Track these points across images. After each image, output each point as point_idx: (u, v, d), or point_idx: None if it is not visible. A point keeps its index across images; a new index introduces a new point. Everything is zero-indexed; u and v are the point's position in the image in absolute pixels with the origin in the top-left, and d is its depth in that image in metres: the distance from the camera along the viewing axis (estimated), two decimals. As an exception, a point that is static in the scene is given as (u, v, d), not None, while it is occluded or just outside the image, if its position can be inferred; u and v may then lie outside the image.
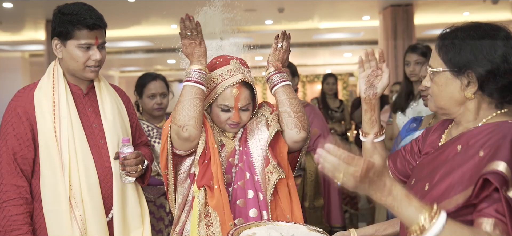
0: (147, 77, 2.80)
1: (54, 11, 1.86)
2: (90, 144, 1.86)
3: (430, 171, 1.29)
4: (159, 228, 2.70)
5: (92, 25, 1.81)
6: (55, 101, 1.84)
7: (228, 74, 1.75)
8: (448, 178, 1.20)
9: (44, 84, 1.87)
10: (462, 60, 1.24)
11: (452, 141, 1.29)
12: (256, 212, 1.70)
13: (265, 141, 1.76)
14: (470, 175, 1.15)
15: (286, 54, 1.91)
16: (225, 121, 1.76)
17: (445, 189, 1.18)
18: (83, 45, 1.82)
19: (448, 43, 1.27)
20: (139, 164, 1.90)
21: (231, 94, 1.73)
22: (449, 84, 1.27)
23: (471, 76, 1.23)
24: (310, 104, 2.93)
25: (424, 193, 1.26)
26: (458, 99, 1.27)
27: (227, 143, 1.80)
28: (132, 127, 2.07)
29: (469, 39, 1.24)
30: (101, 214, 1.85)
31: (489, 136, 1.18)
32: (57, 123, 1.82)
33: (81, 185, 1.81)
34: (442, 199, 1.17)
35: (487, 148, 1.15)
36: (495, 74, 1.21)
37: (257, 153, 1.77)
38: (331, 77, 5.40)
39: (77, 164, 1.82)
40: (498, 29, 1.24)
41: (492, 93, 1.23)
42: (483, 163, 1.13)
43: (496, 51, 1.21)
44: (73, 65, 1.85)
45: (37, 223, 1.83)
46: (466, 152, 1.20)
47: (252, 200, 1.72)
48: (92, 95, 1.95)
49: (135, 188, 1.97)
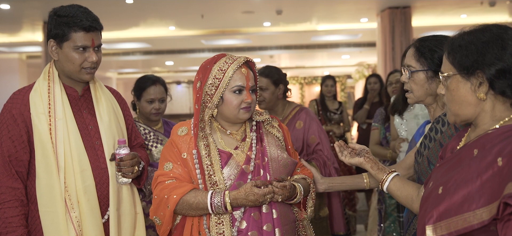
0: (147, 82, 2.75)
1: (50, 13, 1.85)
2: (86, 146, 1.86)
3: (445, 175, 1.27)
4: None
5: (88, 27, 1.81)
6: (50, 103, 1.83)
7: (231, 59, 1.77)
8: (466, 186, 1.16)
9: (40, 86, 1.86)
10: (469, 61, 1.23)
11: (469, 144, 1.27)
12: (270, 227, 1.71)
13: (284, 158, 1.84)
14: (490, 187, 1.11)
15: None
16: (239, 105, 1.76)
17: (463, 199, 1.15)
18: (79, 47, 1.81)
19: (456, 46, 1.27)
20: (135, 165, 1.89)
21: (242, 74, 1.76)
22: (460, 87, 1.26)
23: (481, 76, 1.22)
24: (305, 109, 2.89)
25: (438, 197, 1.24)
26: (472, 101, 1.25)
27: (237, 155, 1.79)
28: (128, 128, 2.07)
29: (476, 40, 1.23)
30: (97, 215, 1.84)
31: (506, 141, 1.15)
32: (53, 124, 1.81)
33: (77, 187, 1.81)
34: (462, 210, 1.14)
35: (506, 156, 1.12)
36: (505, 71, 1.19)
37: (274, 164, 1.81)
38: (329, 79, 5.39)
39: (73, 166, 1.81)
40: (505, 28, 1.23)
41: (504, 91, 1.21)
42: (504, 174, 1.10)
43: (504, 49, 1.20)
44: (69, 67, 1.84)
45: (33, 225, 1.82)
46: (483, 158, 1.17)
47: (266, 215, 1.73)
48: (88, 97, 1.94)
49: (130, 189, 1.96)
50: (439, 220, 1.19)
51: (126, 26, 9.24)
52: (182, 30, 9.82)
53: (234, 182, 1.74)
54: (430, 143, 1.70)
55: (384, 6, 7.96)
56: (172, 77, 17.85)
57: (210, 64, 1.77)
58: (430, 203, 1.26)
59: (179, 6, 7.80)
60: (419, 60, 1.70)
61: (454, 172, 1.24)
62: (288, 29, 9.79)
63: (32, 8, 7.59)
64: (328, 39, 11.23)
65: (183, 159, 1.76)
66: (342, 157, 1.75)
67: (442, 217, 1.19)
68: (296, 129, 2.79)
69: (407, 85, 1.76)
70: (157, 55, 12.62)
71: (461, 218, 1.14)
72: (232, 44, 11.53)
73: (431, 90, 1.72)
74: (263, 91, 2.80)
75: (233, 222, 1.71)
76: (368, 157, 1.71)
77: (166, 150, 1.81)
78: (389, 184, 1.64)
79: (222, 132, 1.83)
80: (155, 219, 1.77)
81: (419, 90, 1.73)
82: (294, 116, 2.83)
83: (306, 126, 2.78)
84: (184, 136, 1.80)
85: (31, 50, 11.16)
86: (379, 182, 1.67)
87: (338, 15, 8.80)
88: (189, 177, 1.75)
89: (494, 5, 7.71)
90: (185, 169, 1.75)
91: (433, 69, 1.69)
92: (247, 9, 7.98)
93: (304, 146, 2.78)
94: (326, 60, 15.24)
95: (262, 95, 2.80)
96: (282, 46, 11.99)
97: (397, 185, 1.63)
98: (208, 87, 1.75)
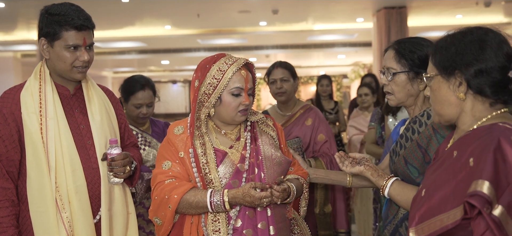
0: (135, 85, 2.67)
1: (41, 11, 1.82)
2: (78, 145, 1.84)
3: (430, 177, 1.31)
4: (149, 230, 2.67)
5: (80, 26, 1.78)
6: (41, 102, 1.81)
7: (230, 60, 1.77)
8: (443, 187, 1.20)
9: (31, 85, 1.84)
10: (449, 61, 1.26)
11: (451, 146, 1.30)
12: (265, 225, 1.73)
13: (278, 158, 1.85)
14: (463, 188, 1.13)
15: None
16: (237, 107, 1.77)
17: (441, 200, 1.18)
18: (70, 47, 1.79)
19: (438, 48, 1.31)
20: (127, 165, 1.88)
21: (241, 76, 1.76)
22: (442, 87, 1.29)
23: (460, 76, 1.25)
24: (314, 109, 2.91)
25: (421, 199, 1.27)
26: (453, 101, 1.28)
27: (232, 154, 1.80)
28: (121, 128, 2.05)
29: (456, 41, 1.27)
30: (89, 216, 1.83)
31: (478, 142, 1.17)
32: (44, 124, 1.79)
33: (68, 187, 1.79)
34: (439, 211, 1.17)
35: (476, 156, 1.14)
36: (483, 72, 1.22)
37: (268, 164, 1.81)
38: (325, 79, 5.41)
39: (64, 166, 1.79)
40: (486, 31, 1.26)
41: (482, 91, 1.23)
42: (473, 174, 1.12)
43: (483, 50, 1.22)
44: (60, 66, 1.82)
45: (23, 225, 1.80)
46: (459, 159, 1.20)
47: (260, 213, 1.74)
48: (80, 96, 1.92)
49: (122, 189, 1.95)
50: (420, 222, 1.22)
51: (122, 25, 9.20)
52: (178, 29, 9.80)
53: (229, 180, 1.76)
54: (407, 142, 1.71)
55: (380, 6, 7.98)
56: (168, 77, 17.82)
57: (209, 64, 1.77)
58: (414, 206, 1.30)
59: (175, 5, 7.78)
60: (400, 62, 1.71)
61: (436, 173, 1.27)
62: (284, 28, 9.79)
63: (27, 6, 7.55)
64: (324, 39, 11.25)
65: (180, 157, 1.77)
66: (343, 167, 1.77)
67: (423, 219, 1.21)
68: (305, 125, 2.82)
69: (387, 87, 1.77)
70: (153, 54, 12.60)
71: (438, 219, 1.17)
72: (228, 44, 11.52)
73: (412, 91, 1.73)
74: (284, 82, 2.81)
75: (228, 220, 1.73)
76: (368, 165, 1.73)
77: (163, 149, 1.82)
78: (389, 190, 1.66)
79: (217, 132, 1.85)
80: (155, 220, 1.78)
81: (401, 92, 1.73)
82: (304, 113, 2.86)
83: (315, 124, 2.82)
84: (181, 135, 1.81)
85: (26, 49, 11.12)
86: (380, 188, 1.69)
87: (334, 15, 8.81)
88: (187, 175, 1.77)
89: (489, 5, 7.73)
90: (183, 167, 1.77)
91: (414, 70, 1.70)
92: (243, 8, 7.97)
93: (311, 142, 2.81)
94: (322, 60, 15.26)
95: (284, 86, 2.81)
96: (278, 46, 12.00)
97: (397, 190, 1.65)
98: (206, 86, 1.75)
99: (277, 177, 1.78)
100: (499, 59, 1.21)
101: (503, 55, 1.22)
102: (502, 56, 1.21)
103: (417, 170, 1.65)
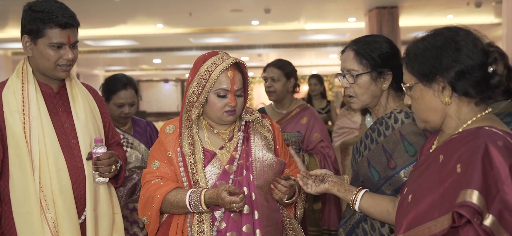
0: (117, 84, 2.62)
1: (24, 8, 1.79)
2: (62, 145, 1.82)
3: (416, 180, 1.28)
4: (133, 232, 2.65)
5: (65, 24, 1.75)
6: (24, 101, 1.78)
7: (220, 60, 1.75)
8: (431, 193, 1.17)
9: (13, 83, 1.81)
10: (427, 68, 1.24)
11: (437, 149, 1.28)
12: (249, 228, 1.71)
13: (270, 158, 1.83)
14: (450, 195, 1.11)
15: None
16: (222, 108, 1.76)
17: (428, 207, 1.16)
18: (54, 45, 1.76)
19: (412, 56, 1.28)
20: (113, 164, 1.85)
21: (227, 77, 1.74)
22: (424, 95, 1.27)
23: (442, 81, 1.23)
24: (310, 108, 2.96)
25: (408, 205, 1.24)
26: (438, 107, 1.26)
27: (221, 155, 1.79)
28: (105, 126, 2.03)
29: (430, 46, 1.24)
30: (74, 216, 1.81)
31: (465, 147, 1.15)
32: (27, 123, 1.76)
33: (52, 187, 1.77)
34: (426, 218, 1.15)
35: (464, 163, 1.12)
36: (464, 72, 1.20)
37: (258, 166, 1.79)
38: (313, 78, 5.44)
39: (48, 165, 1.77)
40: (456, 30, 1.25)
41: (467, 92, 1.22)
42: (460, 182, 1.10)
43: (459, 50, 1.21)
44: (43, 64, 1.80)
45: (6, 226, 1.78)
46: (446, 164, 1.18)
47: (246, 217, 1.73)
48: (63, 95, 1.90)
49: (108, 189, 1.92)
50: (408, 230, 1.20)
51: (113, 23, 9.14)
52: (170, 28, 9.77)
53: (215, 181, 1.75)
54: (372, 144, 1.67)
55: (371, 6, 8.00)
56: (160, 75, 17.75)
57: (200, 63, 1.77)
58: (401, 212, 1.28)
59: (167, 3, 7.75)
60: (362, 63, 1.63)
61: (422, 178, 1.25)
62: (276, 28, 9.79)
63: (17, 4, 7.45)
64: (316, 39, 11.26)
65: (168, 157, 1.77)
66: (308, 189, 1.67)
67: (410, 226, 1.20)
68: (300, 124, 2.85)
69: (349, 90, 1.67)
70: (145, 53, 12.55)
71: (426, 227, 1.15)
72: (220, 43, 11.51)
73: (376, 91, 1.65)
74: (275, 82, 2.88)
75: (213, 221, 1.73)
76: (332, 181, 1.63)
77: (154, 148, 1.84)
78: (360, 203, 1.57)
79: (210, 131, 1.84)
80: (143, 219, 1.80)
81: (365, 94, 1.65)
82: (300, 112, 2.89)
83: (310, 123, 2.85)
84: (171, 134, 1.81)
85: (17, 47, 11.03)
86: (349, 203, 1.61)
87: (326, 15, 8.82)
88: (174, 175, 1.77)
89: (480, 6, 7.78)
90: (171, 167, 1.77)
91: (377, 70, 1.63)
92: (235, 7, 7.95)
93: (306, 141, 2.84)
94: (314, 60, 15.29)
95: (274, 86, 2.88)
96: (270, 45, 12.00)
97: (369, 203, 1.56)
98: (195, 86, 1.75)
99: (267, 180, 1.77)
100: (477, 56, 1.20)
101: (479, 52, 1.21)
102: (478, 53, 1.20)
103: (379, 174, 1.60)
